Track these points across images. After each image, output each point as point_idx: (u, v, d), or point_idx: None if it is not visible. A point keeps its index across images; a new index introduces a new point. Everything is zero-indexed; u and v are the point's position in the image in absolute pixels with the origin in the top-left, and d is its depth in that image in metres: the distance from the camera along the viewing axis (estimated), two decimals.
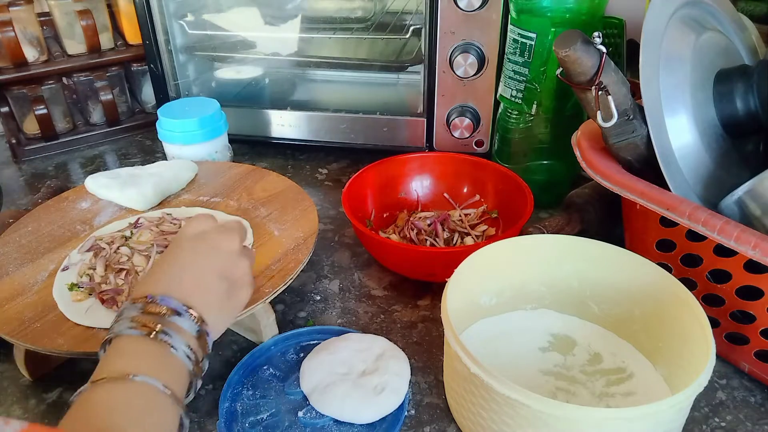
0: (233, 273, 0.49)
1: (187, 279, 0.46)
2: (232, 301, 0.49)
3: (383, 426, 0.53)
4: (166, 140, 0.85)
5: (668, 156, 0.57)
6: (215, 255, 0.48)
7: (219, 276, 0.47)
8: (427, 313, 0.67)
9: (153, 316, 0.42)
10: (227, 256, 0.49)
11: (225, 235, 0.50)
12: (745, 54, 0.67)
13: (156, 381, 0.39)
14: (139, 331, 0.42)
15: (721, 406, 0.56)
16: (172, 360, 0.42)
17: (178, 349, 0.42)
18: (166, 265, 0.47)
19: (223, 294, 0.47)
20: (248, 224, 0.69)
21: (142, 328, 0.42)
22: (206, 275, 0.47)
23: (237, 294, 0.49)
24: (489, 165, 0.79)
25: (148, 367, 0.40)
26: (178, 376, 0.42)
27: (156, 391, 0.39)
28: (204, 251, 0.48)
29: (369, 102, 1.03)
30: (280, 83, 1.09)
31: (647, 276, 0.57)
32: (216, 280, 0.47)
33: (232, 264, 0.49)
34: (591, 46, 0.55)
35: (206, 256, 0.48)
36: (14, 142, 1.01)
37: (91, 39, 1.02)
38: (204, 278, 0.46)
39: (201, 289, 0.46)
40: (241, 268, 0.49)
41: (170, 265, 0.47)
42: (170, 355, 0.42)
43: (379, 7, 1.02)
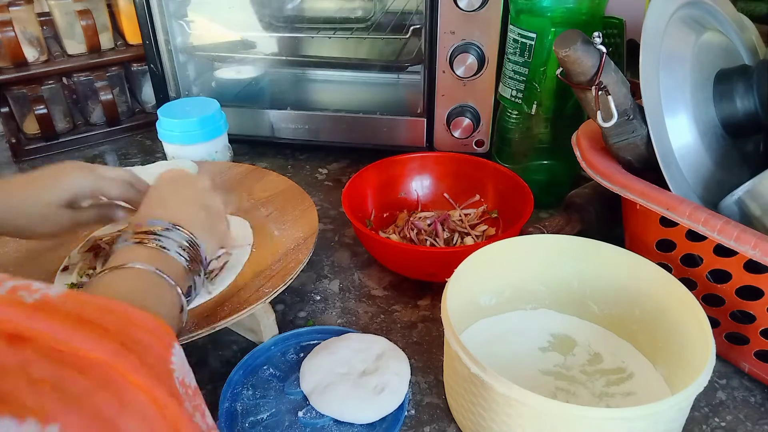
0: (210, 204, 0.53)
1: (171, 206, 0.50)
2: (214, 229, 0.53)
3: (383, 426, 0.53)
4: (166, 140, 0.85)
5: (668, 156, 0.57)
6: (192, 188, 0.54)
7: (199, 205, 0.52)
8: (427, 313, 0.67)
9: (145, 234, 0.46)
10: (202, 190, 0.54)
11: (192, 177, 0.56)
12: (745, 54, 0.67)
13: (150, 266, 0.43)
14: (131, 241, 0.45)
15: (721, 406, 0.56)
16: (166, 257, 0.45)
17: (170, 249, 0.46)
18: (149, 200, 0.52)
19: (206, 219, 0.52)
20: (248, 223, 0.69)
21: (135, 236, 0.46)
22: (188, 203, 0.51)
23: (217, 224, 0.53)
24: (489, 165, 0.79)
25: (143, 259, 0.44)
26: (174, 269, 0.45)
27: (151, 273, 0.43)
28: (181, 186, 0.54)
29: (369, 102, 1.03)
30: (280, 83, 1.09)
31: (647, 276, 0.57)
32: (197, 208, 0.51)
33: (208, 196, 0.54)
34: (591, 46, 0.55)
35: (184, 190, 0.53)
36: (14, 142, 1.01)
37: (91, 39, 1.02)
38: (186, 205, 0.51)
39: (185, 213, 0.50)
40: (216, 200, 0.55)
41: (153, 199, 0.52)
42: (164, 254, 0.45)
43: (379, 7, 1.02)
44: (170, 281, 0.44)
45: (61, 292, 0.33)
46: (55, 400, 0.27)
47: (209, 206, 0.53)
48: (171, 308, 0.44)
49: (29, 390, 0.27)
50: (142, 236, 0.46)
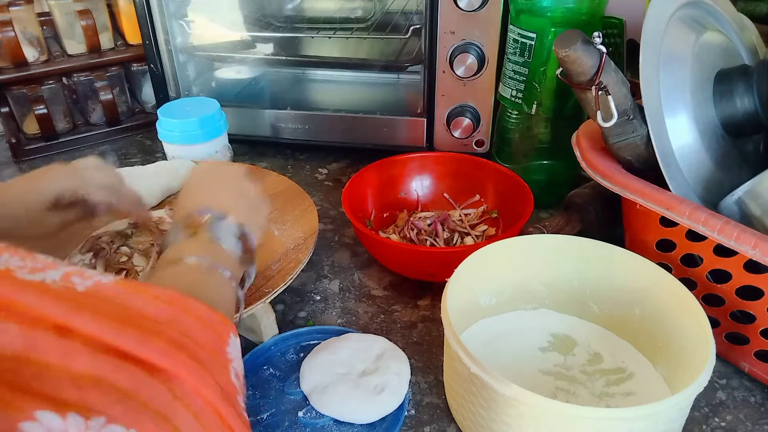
0: (249, 192, 0.53)
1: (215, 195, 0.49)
2: (256, 217, 0.52)
3: (383, 426, 0.53)
4: (166, 140, 0.85)
5: (668, 156, 0.57)
6: (229, 179, 0.53)
7: (239, 193, 0.51)
8: (427, 313, 0.67)
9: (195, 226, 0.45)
10: (239, 180, 0.53)
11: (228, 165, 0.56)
12: (745, 54, 0.67)
13: (205, 259, 0.42)
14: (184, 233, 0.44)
15: (721, 406, 0.56)
16: (219, 249, 0.44)
17: (224, 240, 0.45)
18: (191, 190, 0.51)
19: (249, 207, 0.51)
20: None
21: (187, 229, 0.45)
22: (230, 191, 0.51)
23: (258, 210, 0.53)
24: (489, 165, 0.79)
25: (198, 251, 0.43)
26: (229, 261, 0.44)
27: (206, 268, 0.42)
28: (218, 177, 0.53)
29: (369, 102, 1.03)
30: (280, 83, 1.09)
31: (647, 276, 0.57)
32: (238, 196, 0.51)
33: (244, 185, 0.53)
34: (591, 46, 0.56)
35: (222, 180, 0.53)
36: (14, 142, 1.01)
37: (91, 39, 1.02)
38: (229, 193, 0.50)
39: (230, 201, 0.49)
40: (251, 188, 0.54)
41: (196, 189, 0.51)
42: (217, 246, 0.44)
43: (379, 7, 1.02)
44: (226, 273, 0.43)
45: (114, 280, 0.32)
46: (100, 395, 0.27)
47: (248, 194, 0.52)
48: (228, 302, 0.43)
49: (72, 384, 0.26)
50: (194, 228, 0.45)
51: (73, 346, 0.28)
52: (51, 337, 0.27)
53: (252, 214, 0.51)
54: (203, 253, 0.43)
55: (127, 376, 0.28)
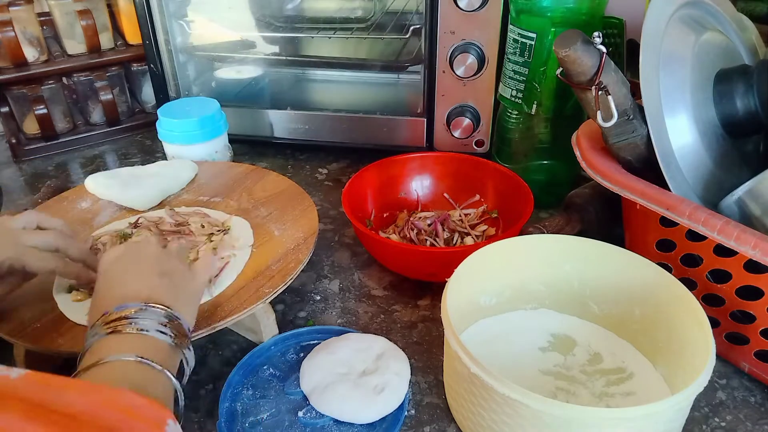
0: (169, 267, 0.49)
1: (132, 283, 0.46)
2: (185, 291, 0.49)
3: (383, 426, 0.53)
4: (166, 140, 0.85)
5: (668, 156, 0.57)
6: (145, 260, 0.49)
7: (159, 273, 0.47)
8: (427, 313, 0.67)
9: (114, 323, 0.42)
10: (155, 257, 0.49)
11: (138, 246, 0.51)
12: (745, 54, 0.67)
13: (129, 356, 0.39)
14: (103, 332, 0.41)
15: (721, 406, 0.56)
16: (147, 340, 0.41)
17: (150, 330, 0.42)
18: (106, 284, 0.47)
19: (172, 287, 0.47)
20: (248, 224, 0.69)
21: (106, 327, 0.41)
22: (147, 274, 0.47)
23: (187, 286, 0.49)
24: (489, 165, 0.79)
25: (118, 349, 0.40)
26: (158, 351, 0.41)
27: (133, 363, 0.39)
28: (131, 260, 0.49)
29: (369, 102, 1.03)
30: (280, 83, 1.09)
31: (647, 276, 0.57)
32: (157, 278, 0.47)
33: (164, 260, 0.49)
34: (591, 46, 0.55)
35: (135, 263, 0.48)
36: (14, 141, 1.01)
37: (91, 39, 1.02)
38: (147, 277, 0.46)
39: (150, 288, 0.45)
40: (172, 260, 0.50)
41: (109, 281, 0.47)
42: (143, 337, 0.41)
43: (379, 7, 1.02)
44: (156, 367, 0.40)
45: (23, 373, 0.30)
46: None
47: (170, 270, 0.48)
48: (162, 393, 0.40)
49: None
50: (114, 324, 0.41)
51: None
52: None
53: (179, 293, 0.47)
54: (125, 350, 0.40)
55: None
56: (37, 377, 0.30)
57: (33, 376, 0.30)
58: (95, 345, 0.41)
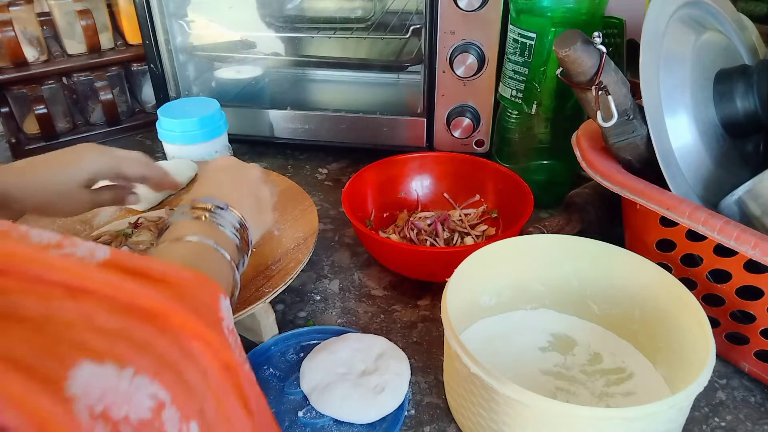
0: (260, 193, 0.55)
1: (225, 188, 0.51)
2: (261, 216, 0.54)
3: (383, 426, 0.53)
4: (166, 140, 0.85)
5: (668, 156, 0.57)
6: (244, 176, 0.55)
7: (249, 191, 0.54)
8: (427, 313, 0.67)
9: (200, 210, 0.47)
10: (253, 180, 0.56)
11: (247, 166, 0.57)
12: (745, 54, 0.67)
13: (209, 240, 0.44)
14: (189, 215, 0.46)
15: (721, 406, 0.56)
16: (222, 233, 0.47)
17: (226, 226, 0.47)
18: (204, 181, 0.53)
19: (255, 206, 0.53)
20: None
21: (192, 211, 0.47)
22: (240, 188, 0.53)
23: (264, 212, 0.55)
24: (489, 165, 0.79)
25: (201, 232, 0.45)
26: (229, 245, 0.46)
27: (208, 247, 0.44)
28: (236, 172, 0.55)
29: (369, 102, 1.03)
30: (280, 83, 1.09)
31: (647, 276, 0.57)
32: (248, 194, 0.53)
33: (257, 186, 0.55)
34: (591, 46, 0.55)
35: (236, 176, 0.55)
36: (14, 141, 1.01)
37: (91, 39, 1.02)
38: (238, 190, 0.52)
39: (237, 196, 0.51)
40: (264, 191, 0.56)
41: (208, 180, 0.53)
42: (219, 230, 0.47)
43: (379, 7, 1.02)
44: (226, 255, 0.45)
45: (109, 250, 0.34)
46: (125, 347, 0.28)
47: (259, 195, 0.55)
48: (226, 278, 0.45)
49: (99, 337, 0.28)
50: (198, 211, 0.47)
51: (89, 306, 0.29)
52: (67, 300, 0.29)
53: (256, 213, 0.53)
54: (205, 234, 0.45)
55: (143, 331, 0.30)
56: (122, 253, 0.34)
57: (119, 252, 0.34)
58: (179, 223, 0.46)
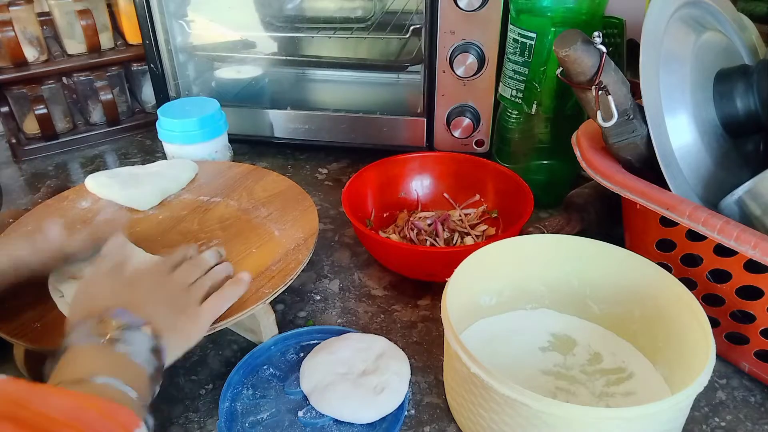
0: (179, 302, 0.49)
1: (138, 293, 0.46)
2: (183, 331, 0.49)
3: (383, 426, 0.53)
4: (166, 140, 0.85)
5: (668, 156, 0.57)
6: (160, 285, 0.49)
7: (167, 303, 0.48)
8: (427, 313, 0.67)
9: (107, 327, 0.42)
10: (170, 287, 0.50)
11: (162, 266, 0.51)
12: (745, 54, 0.67)
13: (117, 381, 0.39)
14: (94, 338, 0.41)
15: (721, 406, 0.56)
16: (132, 365, 0.41)
17: (137, 355, 0.42)
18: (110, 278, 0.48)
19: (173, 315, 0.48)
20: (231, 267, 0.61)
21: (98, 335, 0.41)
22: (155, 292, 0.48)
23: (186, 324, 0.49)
24: (489, 165, 0.79)
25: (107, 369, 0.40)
26: (140, 380, 0.41)
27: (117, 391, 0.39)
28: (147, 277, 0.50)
29: (369, 102, 1.03)
30: (280, 83, 1.09)
31: (647, 276, 0.57)
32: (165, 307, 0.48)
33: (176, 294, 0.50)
34: (591, 46, 0.55)
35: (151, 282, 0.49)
36: (14, 141, 1.01)
37: (91, 39, 1.02)
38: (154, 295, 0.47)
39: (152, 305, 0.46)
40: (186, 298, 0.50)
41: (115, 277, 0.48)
42: (129, 361, 0.41)
43: (379, 7, 1.02)
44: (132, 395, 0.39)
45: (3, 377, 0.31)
46: None
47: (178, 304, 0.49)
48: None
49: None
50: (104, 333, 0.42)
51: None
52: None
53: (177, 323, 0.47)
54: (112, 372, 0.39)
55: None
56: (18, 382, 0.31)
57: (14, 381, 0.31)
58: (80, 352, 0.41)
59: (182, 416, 0.56)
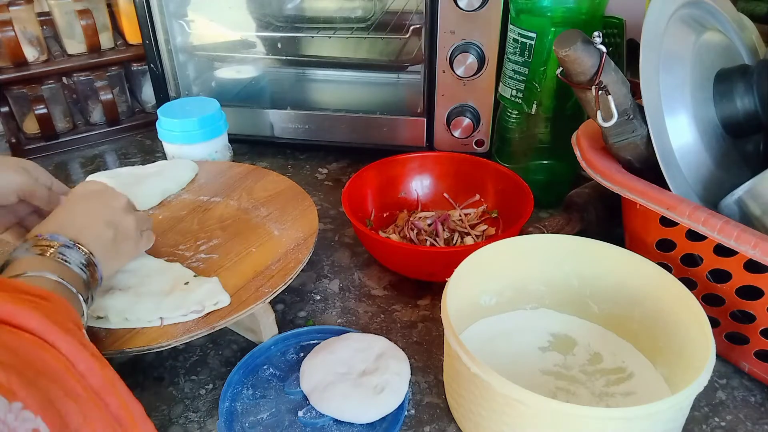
0: (119, 223, 0.54)
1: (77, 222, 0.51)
2: (119, 249, 0.54)
3: (383, 426, 0.53)
4: (166, 140, 0.85)
5: (668, 156, 0.57)
6: (103, 206, 0.55)
7: (106, 223, 0.53)
8: (427, 313, 0.67)
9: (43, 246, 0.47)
10: (114, 210, 0.55)
11: (112, 193, 0.57)
12: (745, 54, 0.67)
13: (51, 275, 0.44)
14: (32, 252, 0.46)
15: (721, 406, 0.56)
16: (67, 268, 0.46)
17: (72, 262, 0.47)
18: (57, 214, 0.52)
19: (110, 239, 0.53)
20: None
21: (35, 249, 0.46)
22: (94, 220, 0.52)
23: (122, 243, 0.55)
24: (489, 165, 0.79)
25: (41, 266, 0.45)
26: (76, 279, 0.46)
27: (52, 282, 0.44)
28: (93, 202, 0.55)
29: (369, 102, 1.03)
30: (280, 83, 1.09)
31: (647, 276, 0.57)
32: (103, 226, 0.53)
33: (118, 216, 0.55)
34: (591, 46, 0.55)
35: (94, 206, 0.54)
36: (14, 141, 1.01)
37: (91, 39, 1.02)
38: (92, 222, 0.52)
39: (88, 230, 0.51)
40: (127, 221, 0.55)
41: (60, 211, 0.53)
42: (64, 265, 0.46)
43: (379, 7, 1.02)
44: (72, 288, 0.45)
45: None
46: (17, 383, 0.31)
47: (118, 225, 0.54)
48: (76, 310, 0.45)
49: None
50: (43, 248, 0.47)
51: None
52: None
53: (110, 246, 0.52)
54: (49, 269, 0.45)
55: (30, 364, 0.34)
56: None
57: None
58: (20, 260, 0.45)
59: (182, 416, 0.56)
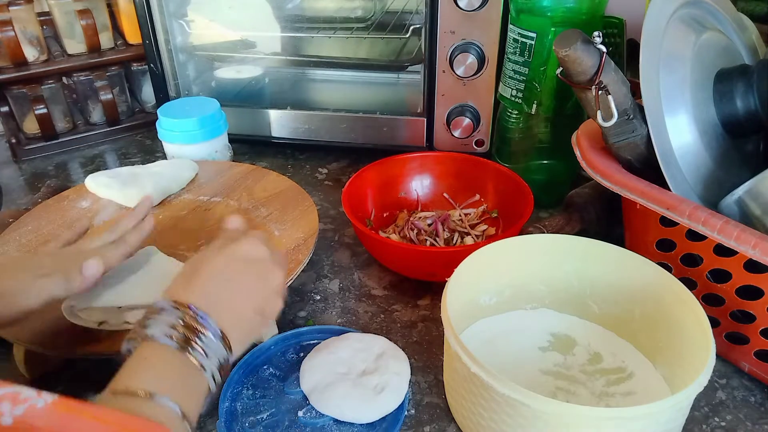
0: (268, 310, 0.48)
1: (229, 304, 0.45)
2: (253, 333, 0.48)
3: (383, 426, 0.53)
4: (166, 140, 0.85)
5: (668, 156, 0.57)
6: (261, 288, 0.47)
7: (255, 311, 0.47)
8: (427, 313, 0.67)
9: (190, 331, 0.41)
10: (270, 294, 0.48)
11: (275, 269, 0.49)
12: (745, 54, 0.67)
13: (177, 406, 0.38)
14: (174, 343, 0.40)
15: (721, 406, 0.56)
16: (200, 381, 0.41)
17: (207, 370, 0.41)
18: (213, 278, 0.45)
19: (251, 328, 0.47)
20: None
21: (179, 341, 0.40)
22: (247, 307, 0.46)
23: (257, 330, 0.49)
24: (489, 165, 0.79)
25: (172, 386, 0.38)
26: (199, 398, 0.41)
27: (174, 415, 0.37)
28: (254, 281, 0.47)
29: (369, 102, 1.03)
30: (280, 83, 1.09)
31: (647, 276, 0.57)
32: (252, 315, 0.46)
33: (270, 302, 0.48)
34: (591, 46, 0.55)
35: (254, 287, 0.47)
36: (14, 141, 1.01)
37: (91, 38, 1.02)
38: (244, 309, 0.46)
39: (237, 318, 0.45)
40: (275, 306, 0.49)
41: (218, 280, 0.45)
42: (199, 376, 0.40)
43: (379, 7, 1.02)
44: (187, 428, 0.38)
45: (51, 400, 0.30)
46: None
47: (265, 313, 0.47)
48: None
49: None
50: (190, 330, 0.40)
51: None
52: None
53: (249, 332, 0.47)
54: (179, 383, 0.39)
55: None
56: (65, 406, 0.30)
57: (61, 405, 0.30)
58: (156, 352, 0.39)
59: None
